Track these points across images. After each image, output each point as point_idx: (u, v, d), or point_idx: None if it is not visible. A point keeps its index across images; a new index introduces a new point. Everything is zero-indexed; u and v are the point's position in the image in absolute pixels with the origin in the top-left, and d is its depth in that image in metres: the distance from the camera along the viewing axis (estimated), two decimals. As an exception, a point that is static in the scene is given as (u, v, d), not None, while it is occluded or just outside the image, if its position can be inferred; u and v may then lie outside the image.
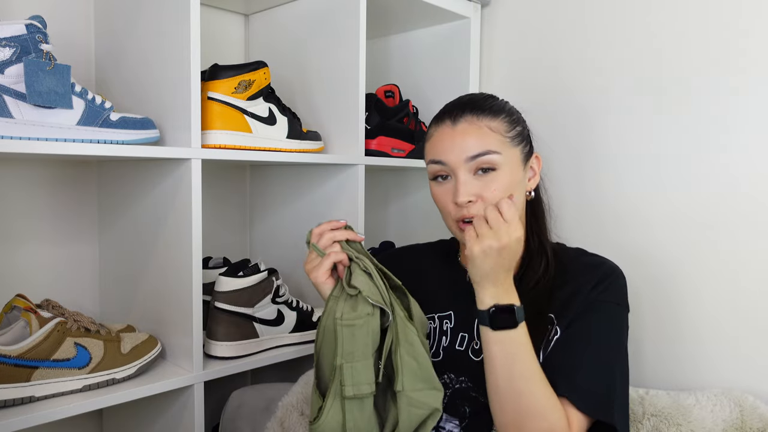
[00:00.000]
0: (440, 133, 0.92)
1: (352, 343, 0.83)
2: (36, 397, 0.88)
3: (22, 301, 0.94)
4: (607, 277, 0.91)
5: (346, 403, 0.83)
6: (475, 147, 0.88)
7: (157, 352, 1.03)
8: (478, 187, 0.88)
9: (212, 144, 1.05)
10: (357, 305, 0.85)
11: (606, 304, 0.89)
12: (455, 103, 0.95)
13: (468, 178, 0.89)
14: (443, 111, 0.95)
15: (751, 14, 1.07)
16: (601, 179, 1.25)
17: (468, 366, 0.92)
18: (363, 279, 0.86)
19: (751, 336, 1.08)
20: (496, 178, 0.88)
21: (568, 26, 1.29)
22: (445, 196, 0.92)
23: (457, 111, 0.92)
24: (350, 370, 0.83)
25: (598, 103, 1.25)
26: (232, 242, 1.47)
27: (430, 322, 0.97)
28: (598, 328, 0.88)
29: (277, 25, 1.38)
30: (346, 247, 0.90)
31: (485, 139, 0.89)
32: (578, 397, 0.82)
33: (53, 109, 0.88)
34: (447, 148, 0.90)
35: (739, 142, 1.08)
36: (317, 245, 0.90)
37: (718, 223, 1.11)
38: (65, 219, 1.19)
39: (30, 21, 0.87)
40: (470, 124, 0.90)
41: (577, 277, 0.91)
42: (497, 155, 0.88)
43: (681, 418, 1.01)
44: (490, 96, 0.96)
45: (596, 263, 0.94)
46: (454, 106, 0.94)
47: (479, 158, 0.88)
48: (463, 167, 0.89)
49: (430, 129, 0.96)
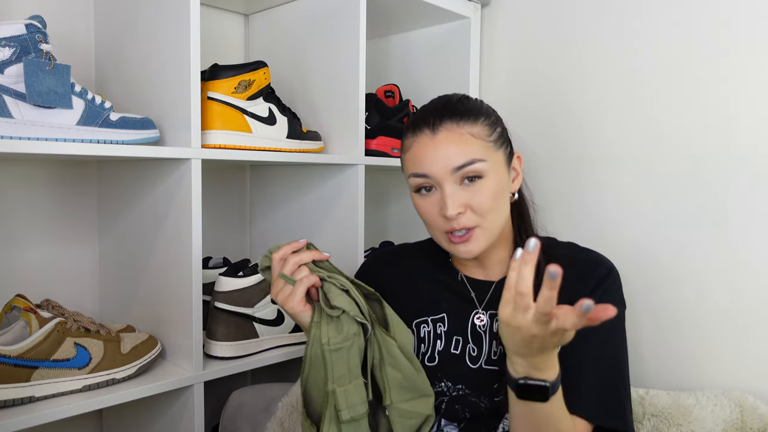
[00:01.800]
0: (420, 144, 0.87)
1: (341, 366, 0.81)
2: (36, 397, 0.88)
3: (22, 301, 0.94)
4: (605, 279, 0.90)
5: (344, 427, 0.80)
6: (459, 157, 0.84)
7: (157, 352, 1.03)
8: (466, 197, 0.85)
9: (212, 144, 1.04)
10: (342, 326, 0.81)
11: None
12: (431, 108, 0.90)
13: (454, 189, 0.85)
14: (419, 119, 0.90)
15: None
16: (600, 179, 1.25)
17: (465, 373, 0.91)
18: (343, 298, 0.82)
19: (752, 336, 1.08)
20: (483, 186, 0.85)
21: (568, 26, 1.29)
22: (431, 208, 0.88)
23: (435, 118, 0.87)
24: (343, 393, 0.80)
25: (598, 102, 1.25)
26: (232, 242, 1.47)
27: (424, 326, 0.95)
28: (603, 339, 0.85)
29: (277, 25, 1.38)
30: (315, 268, 0.85)
31: (468, 147, 0.85)
32: (594, 414, 0.82)
33: (53, 109, 0.88)
34: (429, 160, 0.86)
35: (738, 142, 1.08)
36: (284, 273, 0.83)
37: (719, 222, 1.10)
38: (65, 219, 1.19)
39: (30, 21, 0.87)
40: (450, 132, 0.86)
41: (573, 281, 0.87)
42: (482, 163, 0.85)
43: (681, 418, 1.01)
44: (464, 97, 0.92)
45: (591, 263, 0.92)
46: (430, 112, 0.89)
47: (464, 168, 0.84)
48: (449, 179, 0.85)
49: (407, 139, 0.91)
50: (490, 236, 0.88)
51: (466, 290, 0.96)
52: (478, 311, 0.94)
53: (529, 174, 1.04)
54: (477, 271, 0.97)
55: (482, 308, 0.94)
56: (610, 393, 0.85)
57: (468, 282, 0.97)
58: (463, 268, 0.98)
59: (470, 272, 0.97)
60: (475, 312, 0.94)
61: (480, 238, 0.87)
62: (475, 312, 0.94)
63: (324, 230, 1.29)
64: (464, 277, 0.97)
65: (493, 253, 0.94)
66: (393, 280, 1.00)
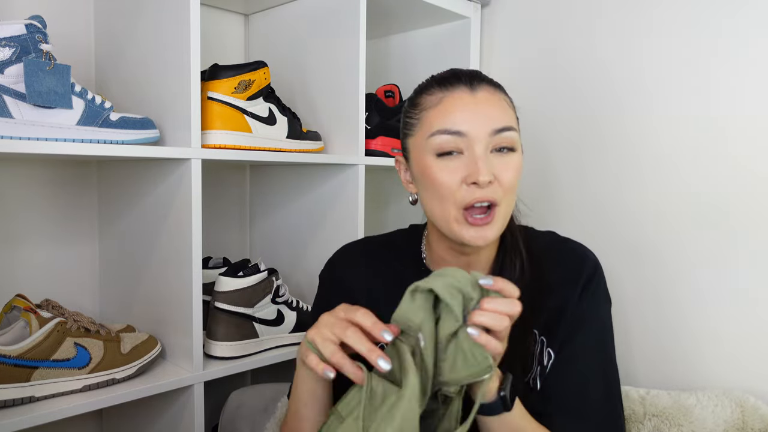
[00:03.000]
0: (456, 99, 0.77)
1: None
2: (36, 397, 0.88)
3: (22, 301, 0.94)
4: (591, 278, 0.83)
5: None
6: (500, 120, 0.76)
7: (157, 352, 1.03)
8: (496, 167, 0.76)
9: (212, 144, 1.04)
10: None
11: (596, 313, 0.82)
12: (457, 72, 0.81)
13: (487, 154, 0.76)
14: (449, 75, 0.80)
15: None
16: (600, 178, 1.25)
17: None
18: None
19: (752, 336, 1.07)
20: (513, 159, 0.77)
21: (568, 26, 1.29)
22: (452, 176, 0.76)
23: (471, 79, 0.78)
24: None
25: (598, 102, 1.25)
26: (232, 242, 1.46)
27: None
28: (593, 347, 0.81)
29: (277, 25, 1.38)
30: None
31: (507, 112, 0.78)
32: (589, 427, 0.79)
33: (53, 109, 0.88)
34: (468, 116, 0.76)
35: (742, 142, 1.08)
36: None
37: (720, 222, 1.10)
38: (65, 219, 1.19)
39: (30, 21, 0.87)
40: (491, 94, 0.78)
41: (561, 283, 0.82)
42: (516, 133, 0.78)
43: (682, 418, 1.01)
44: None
45: (577, 260, 0.84)
46: (459, 73, 0.80)
47: (503, 133, 0.76)
48: (485, 141, 0.75)
49: (431, 95, 0.79)
50: (503, 223, 0.79)
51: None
52: None
53: (528, 173, 1.03)
54: None
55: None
56: (609, 405, 0.81)
57: None
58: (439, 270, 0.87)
59: None
60: None
61: (498, 221, 0.77)
62: None
63: (324, 230, 1.29)
64: None
65: (485, 251, 0.84)
66: (357, 285, 0.88)
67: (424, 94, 0.80)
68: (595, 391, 0.81)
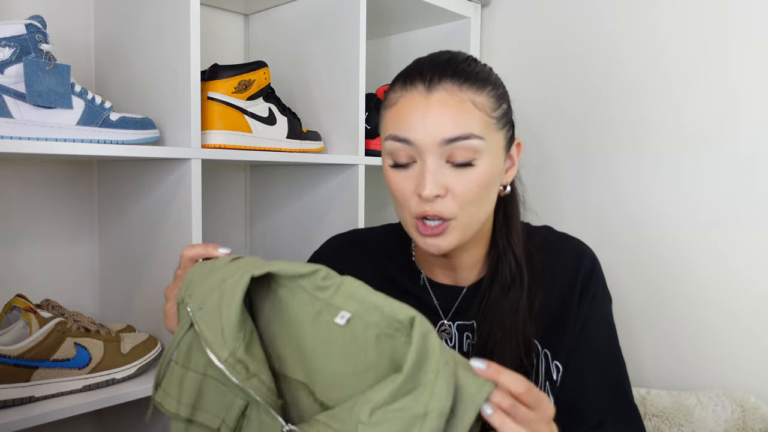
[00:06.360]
0: (408, 101, 0.71)
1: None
2: (36, 397, 0.88)
3: (22, 301, 0.94)
4: (590, 278, 0.79)
5: None
6: (453, 127, 0.68)
7: (157, 352, 1.03)
8: (449, 179, 0.70)
9: (212, 144, 1.04)
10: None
11: (600, 315, 0.79)
12: (430, 61, 0.73)
13: (439, 165, 0.69)
14: (413, 70, 0.73)
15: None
16: (600, 179, 1.25)
17: None
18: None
19: (753, 336, 1.07)
20: (475, 170, 0.70)
21: (568, 26, 1.29)
22: (405, 184, 0.72)
23: (434, 74, 0.71)
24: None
25: (598, 102, 1.25)
26: (232, 242, 1.46)
27: None
28: (600, 349, 0.78)
29: (277, 25, 1.38)
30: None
31: (467, 117, 0.69)
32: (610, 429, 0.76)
33: (53, 109, 0.88)
34: (416, 123, 0.69)
35: (746, 141, 1.08)
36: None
37: (721, 222, 1.10)
38: (65, 219, 1.19)
39: (30, 21, 0.87)
40: (450, 94, 0.69)
41: (557, 283, 0.78)
42: (479, 141, 0.69)
43: (682, 418, 1.01)
44: (472, 59, 0.75)
45: (572, 258, 0.80)
46: (428, 65, 0.72)
47: (457, 143, 0.68)
48: (435, 151, 0.69)
49: (393, 93, 0.74)
50: (465, 233, 0.73)
51: (429, 297, 0.82)
52: (443, 322, 0.80)
53: (527, 172, 1.03)
54: (444, 273, 0.82)
55: (448, 319, 0.80)
56: (626, 404, 0.79)
57: (431, 286, 0.82)
58: (428, 269, 0.83)
59: (435, 275, 0.83)
60: (440, 323, 0.80)
61: (453, 233, 0.72)
62: (439, 324, 0.80)
63: (324, 230, 1.28)
64: (426, 280, 0.83)
65: (467, 253, 0.79)
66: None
67: (390, 90, 0.75)
68: (612, 395, 0.78)
